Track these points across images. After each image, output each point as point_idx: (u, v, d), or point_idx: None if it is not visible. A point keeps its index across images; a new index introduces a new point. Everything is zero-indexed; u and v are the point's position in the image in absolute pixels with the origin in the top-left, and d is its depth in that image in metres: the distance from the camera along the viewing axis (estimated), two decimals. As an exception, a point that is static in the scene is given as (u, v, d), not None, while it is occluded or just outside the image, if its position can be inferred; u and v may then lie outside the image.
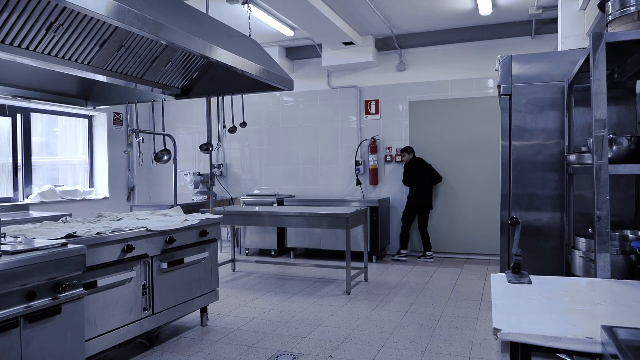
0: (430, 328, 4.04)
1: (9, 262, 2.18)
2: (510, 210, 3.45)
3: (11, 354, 2.18)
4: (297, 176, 8.00)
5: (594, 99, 2.19)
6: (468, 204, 7.04)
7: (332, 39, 6.76)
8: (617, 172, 2.22)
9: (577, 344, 1.38)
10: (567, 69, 3.33)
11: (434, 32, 6.98)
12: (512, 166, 3.47)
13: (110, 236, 3.09)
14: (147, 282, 3.45)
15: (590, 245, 2.74)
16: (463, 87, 7.06)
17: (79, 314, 2.51)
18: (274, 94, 7.99)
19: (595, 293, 1.90)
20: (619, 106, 3.26)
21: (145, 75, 3.97)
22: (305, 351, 3.57)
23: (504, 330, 1.47)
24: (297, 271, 6.37)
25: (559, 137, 3.37)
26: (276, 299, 4.99)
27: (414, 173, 6.90)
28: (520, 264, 2.15)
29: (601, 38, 2.19)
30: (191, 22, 3.20)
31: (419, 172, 6.88)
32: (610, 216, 2.18)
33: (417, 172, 6.88)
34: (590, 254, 2.67)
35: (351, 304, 4.81)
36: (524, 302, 1.78)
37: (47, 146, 6.95)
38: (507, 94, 3.48)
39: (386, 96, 7.48)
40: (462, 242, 7.09)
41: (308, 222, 5.44)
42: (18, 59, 2.96)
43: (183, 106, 8.39)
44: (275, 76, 4.05)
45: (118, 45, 3.47)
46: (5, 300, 2.15)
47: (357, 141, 7.59)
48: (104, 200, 7.48)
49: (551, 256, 3.36)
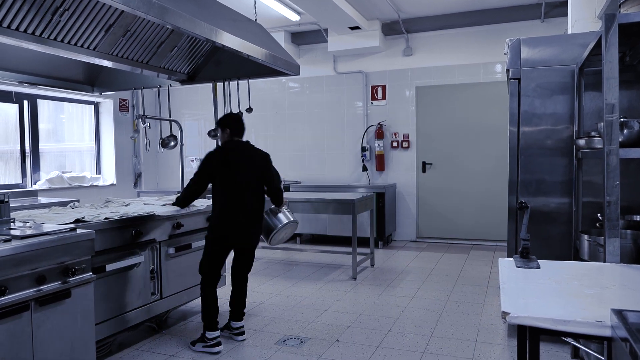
0: (436, 313, 4.06)
1: (19, 247, 2.20)
2: (518, 196, 3.43)
3: (23, 337, 2.21)
4: (303, 162, 7.99)
5: (605, 83, 2.16)
6: (474, 190, 7.01)
7: (338, 23, 6.69)
8: (628, 155, 2.20)
9: (586, 327, 1.38)
10: (577, 52, 3.28)
11: (441, 16, 6.89)
12: (520, 151, 3.44)
13: (118, 221, 3.11)
14: (155, 267, 3.47)
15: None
16: (470, 72, 6.99)
17: (89, 298, 2.53)
18: (280, 79, 7.94)
19: (604, 277, 1.89)
20: (630, 90, 3.22)
21: (151, 61, 3.95)
22: (312, 335, 3.60)
23: (513, 314, 1.46)
24: (304, 257, 6.40)
25: (568, 122, 3.33)
26: (283, 284, 5.02)
27: (221, 169, 3.36)
28: (528, 249, 2.15)
29: (614, 19, 2.15)
30: (196, 6, 3.18)
31: (231, 167, 3.35)
32: (620, 201, 2.17)
33: (228, 166, 3.35)
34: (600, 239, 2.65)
35: (357, 289, 4.83)
36: (532, 286, 1.78)
37: (54, 133, 6.97)
38: (516, 78, 3.44)
39: (393, 81, 7.43)
40: (469, 228, 7.08)
41: (314, 208, 5.45)
42: (24, 44, 2.96)
43: (188, 93, 8.37)
44: (281, 61, 4.02)
45: (124, 30, 3.45)
46: (16, 284, 2.18)
47: (363, 127, 7.56)
48: (111, 187, 7.52)
49: (559, 241, 3.34)
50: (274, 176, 3.59)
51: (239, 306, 3.60)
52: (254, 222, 3.46)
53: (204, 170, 3.37)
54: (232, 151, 3.41)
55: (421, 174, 7.30)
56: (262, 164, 3.50)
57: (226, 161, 3.35)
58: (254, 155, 3.48)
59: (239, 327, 3.57)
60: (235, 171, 3.34)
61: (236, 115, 3.59)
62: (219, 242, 3.39)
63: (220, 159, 3.36)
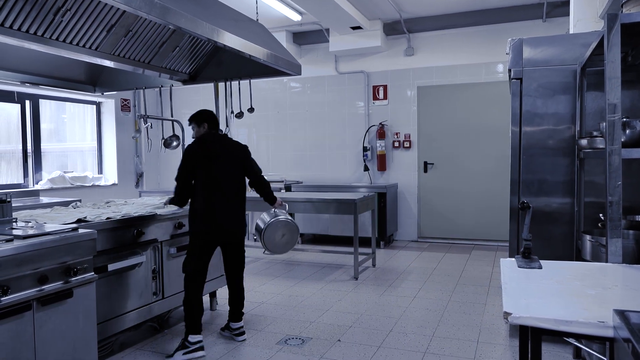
0: (438, 313, 4.05)
1: (21, 246, 2.20)
2: (520, 196, 3.43)
3: (25, 337, 2.21)
4: (305, 162, 7.99)
5: (607, 82, 2.16)
6: (476, 190, 7.00)
7: (339, 23, 6.69)
8: (630, 155, 2.19)
9: (588, 327, 1.38)
10: (579, 52, 3.27)
11: (443, 15, 6.88)
12: (522, 151, 3.44)
13: (120, 221, 3.11)
14: (157, 266, 3.47)
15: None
16: (472, 72, 6.98)
17: (91, 297, 2.54)
18: (281, 79, 7.94)
19: (607, 278, 1.89)
20: (632, 90, 3.21)
21: (152, 61, 3.96)
22: (313, 335, 3.60)
23: (515, 314, 1.46)
24: (305, 257, 6.40)
25: (570, 122, 3.33)
26: (284, 284, 5.02)
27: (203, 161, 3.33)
28: (530, 249, 2.14)
29: (616, 19, 2.14)
30: (198, 6, 3.18)
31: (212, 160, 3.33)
32: (622, 201, 2.16)
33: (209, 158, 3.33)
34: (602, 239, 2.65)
35: (359, 289, 4.83)
36: (534, 287, 1.77)
37: (56, 133, 6.98)
38: (517, 78, 3.44)
39: (394, 81, 7.42)
40: (470, 228, 7.07)
41: (316, 208, 5.45)
42: (26, 44, 2.96)
43: (190, 93, 8.37)
44: (282, 61, 4.02)
45: (125, 30, 3.45)
46: (18, 283, 2.18)
47: (364, 127, 7.55)
48: (113, 187, 7.52)
49: (561, 242, 3.34)
50: (254, 165, 3.55)
51: (237, 306, 3.57)
52: (236, 214, 3.39)
53: (188, 164, 3.30)
54: (212, 143, 3.37)
55: (423, 174, 7.29)
56: (242, 155, 3.47)
57: (207, 153, 3.30)
58: (234, 147, 3.45)
59: (238, 327, 3.54)
60: (217, 163, 3.30)
61: (210, 110, 3.55)
62: (201, 236, 3.29)
63: (201, 152, 3.31)
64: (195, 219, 3.29)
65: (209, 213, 3.26)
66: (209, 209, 3.26)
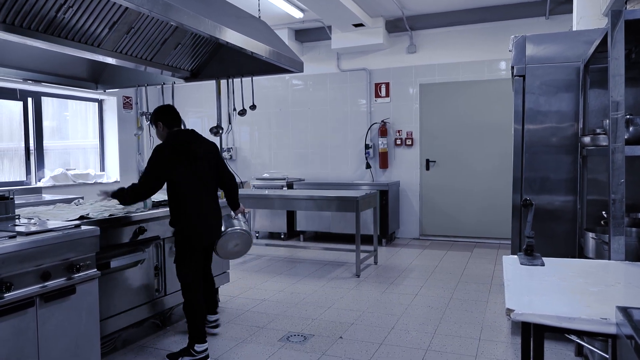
0: (440, 310, 4.05)
1: (24, 243, 2.21)
2: (522, 194, 3.42)
3: (28, 333, 2.22)
4: (307, 160, 7.99)
5: (611, 80, 2.15)
6: (478, 188, 6.99)
7: (341, 20, 6.68)
8: (634, 153, 2.19)
9: (591, 324, 1.38)
10: (582, 49, 3.26)
11: (445, 13, 6.86)
12: (525, 149, 3.43)
13: (122, 218, 3.12)
14: (159, 263, 3.48)
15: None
16: (475, 70, 6.97)
17: (93, 294, 2.54)
18: (283, 77, 7.94)
19: (609, 275, 1.89)
20: (636, 87, 3.20)
21: (154, 58, 3.95)
22: (315, 332, 3.61)
23: (517, 311, 1.46)
24: (307, 254, 6.40)
25: (573, 120, 3.32)
26: (286, 282, 5.03)
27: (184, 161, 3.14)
28: (533, 246, 2.14)
29: (620, 16, 2.13)
30: (200, 3, 3.17)
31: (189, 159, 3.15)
32: (625, 199, 2.16)
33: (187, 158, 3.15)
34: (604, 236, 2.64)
35: (361, 286, 4.83)
36: (536, 284, 1.77)
37: (58, 130, 6.99)
38: (520, 75, 3.43)
39: (396, 79, 7.41)
40: (472, 226, 7.06)
41: (318, 206, 5.45)
42: (28, 41, 2.97)
43: (192, 90, 8.38)
44: (285, 58, 4.02)
45: (128, 27, 3.45)
46: (21, 280, 2.19)
47: (366, 124, 7.55)
48: (115, 184, 7.53)
49: (564, 239, 3.33)
50: (226, 166, 3.43)
51: (212, 296, 3.59)
52: (220, 213, 3.32)
53: (166, 163, 3.03)
54: (190, 143, 3.16)
55: (425, 171, 7.28)
56: (217, 154, 3.34)
57: (191, 152, 3.11)
58: (208, 145, 3.29)
59: (214, 320, 3.57)
60: (201, 162, 3.15)
61: (169, 105, 3.33)
62: (196, 239, 3.13)
63: (181, 151, 3.08)
64: (189, 222, 3.10)
65: (202, 215, 3.14)
66: (201, 211, 3.13)
